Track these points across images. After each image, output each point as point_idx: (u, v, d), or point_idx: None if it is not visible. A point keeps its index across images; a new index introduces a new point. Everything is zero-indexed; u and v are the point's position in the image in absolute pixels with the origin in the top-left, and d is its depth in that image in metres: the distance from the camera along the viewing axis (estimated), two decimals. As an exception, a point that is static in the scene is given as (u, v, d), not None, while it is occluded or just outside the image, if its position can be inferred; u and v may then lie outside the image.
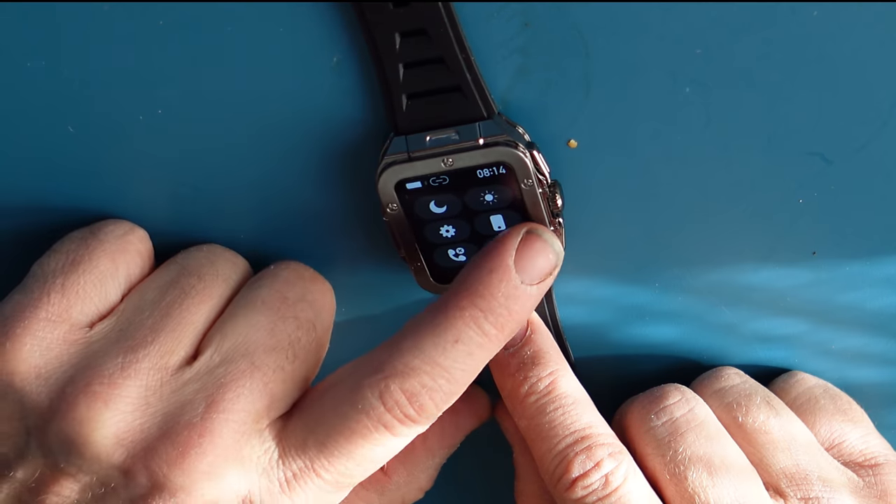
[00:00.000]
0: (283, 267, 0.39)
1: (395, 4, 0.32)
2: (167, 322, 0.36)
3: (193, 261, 0.38)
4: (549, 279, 0.36)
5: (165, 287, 0.37)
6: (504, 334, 0.36)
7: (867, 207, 0.38)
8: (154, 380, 0.35)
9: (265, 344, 0.36)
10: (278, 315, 0.37)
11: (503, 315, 0.35)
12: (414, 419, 0.35)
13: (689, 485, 0.38)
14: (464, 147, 0.35)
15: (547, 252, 0.36)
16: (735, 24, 0.34)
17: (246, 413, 0.35)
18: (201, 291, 0.37)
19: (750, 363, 0.43)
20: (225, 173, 0.38)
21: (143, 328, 0.36)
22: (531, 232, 0.36)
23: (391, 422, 0.35)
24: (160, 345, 0.35)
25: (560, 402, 0.39)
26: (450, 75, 0.34)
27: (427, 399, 0.35)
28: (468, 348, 0.35)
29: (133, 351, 0.35)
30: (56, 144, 0.37)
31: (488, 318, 0.35)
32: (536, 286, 0.36)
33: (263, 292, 0.37)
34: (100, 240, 0.38)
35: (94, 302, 0.37)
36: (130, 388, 0.35)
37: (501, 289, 0.35)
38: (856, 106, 0.36)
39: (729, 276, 0.40)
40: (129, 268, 0.38)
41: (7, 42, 0.35)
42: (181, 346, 0.36)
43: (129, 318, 0.36)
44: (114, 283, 0.37)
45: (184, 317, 0.36)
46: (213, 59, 0.35)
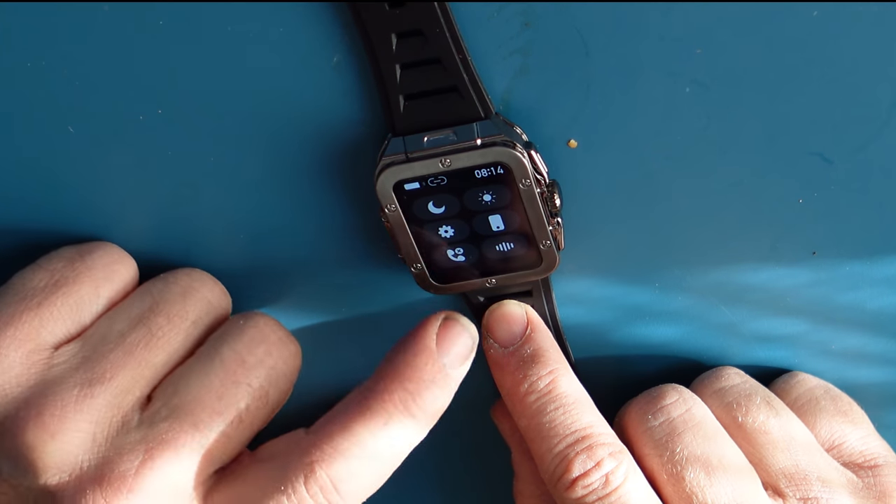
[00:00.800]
0: (252, 325, 0.38)
1: (391, 5, 0.32)
2: (128, 360, 0.36)
3: (168, 296, 0.38)
4: (467, 363, 0.38)
5: (135, 321, 0.37)
6: (429, 417, 0.37)
7: (867, 207, 0.38)
8: (105, 418, 0.35)
9: (213, 408, 0.36)
10: (232, 379, 0.37)
11: (429, 398, 0.37)
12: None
13: (686, 484, 0.38)
14: (461, 147, 0.35)
15: (464, 336, 0.38)
16: (735, 24, 0.34)
17: (180, 473, 0.35)
18: (167, 333, 0.37)
19: (750, 363, 0.43)
20: (224, 173, 0.38)
21: (105, 362, 0.36)
22: (449, 318, 0.38)
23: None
24: (118, 383, 0.36)
25: (560, 402, 0.39)
26: (447, 76, 0.34)
27: (354, 485, 0.36)
28: (395, 430, 0.37)
29: (90, 385, 0.35)
30: (50, 151, 0.37)
31: (416, 400, 0.37)
32: (457, 370, 0.38)
33: (223, 351, 0.37)
34: (87, 265, 0.38)
35: (66, 325, 0.37)
36: (81, 423, 0.35)
37: (427, 371, 0.37)
38: (856, 106, 0.36)
39: (729, 276, 0.40)
40: (110, 296, 0.38)
41: (7, 42, 0.35)
42: (137, 386, 0.36)
43: (94, 347, 0.36)
44: (90, 309, 0.37)
45: (146, 358, 0.36)
46: (212, 59, 0.35)
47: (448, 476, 0.48)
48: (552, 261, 0.38)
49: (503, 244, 0.38)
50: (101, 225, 0.39)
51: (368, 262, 0.41)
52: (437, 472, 0.48)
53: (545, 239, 0.38)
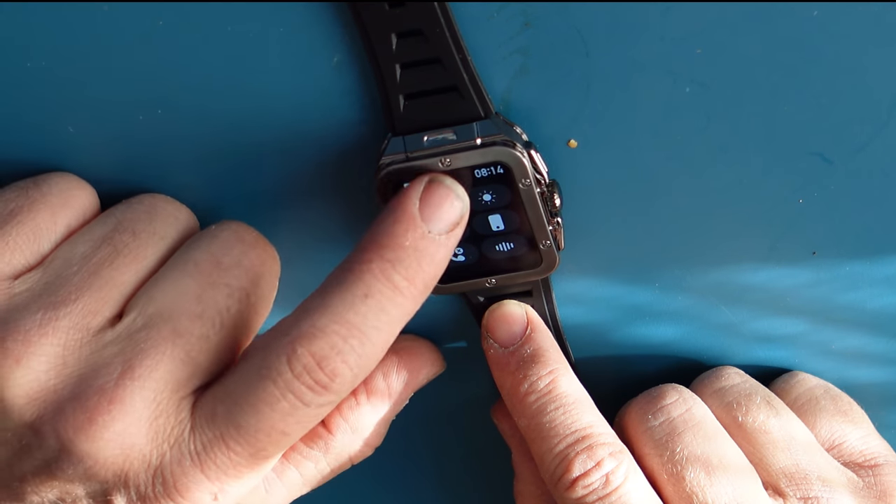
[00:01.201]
0: (224, 228, 0.37)
1: (391, 5, 0.32)
2: (94, 281, 0.34)
3: (131, 214, 0.36)
4: (458, 229, 0.35)
5: (98, 242, 0.35)
6: (417, 288, 0.34)
7: (867, 207, 0.38)
8: (73, 339, 0.34)
9: (191, 311, 0.34)
10: (209, 281, 0.35)
11: (412, 266, 0.34)
12: (325, 386, 0.33)
13: (686, 484, 0.38)
14: (461, 147, 0.35)
15: (451, 198, 0.35)
16: (735, 24, 0.34)
17: (163, 382, 0.34)
18: (134, 250, 0.35)
19: (750, 363, 0.43)
20: (224, 173, 0.38)
21: (69, 284, 0.34)
22: (434, 180, 0.35)
23: (300, 389, 0.33)
24: (83, 304, 0.34)
25: (560, 402, 0.39)
26: (447, 75, 0.34)
27: (339, 363, 0.33)
28: (379, 303, 0.33)
29: (54, 308, 0.34)
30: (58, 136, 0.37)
31: (397, 268, 0.33)
32: (446, 235, 0.34)
33: (197, 255, 0.36)
34: (42, 192, 0.36)
35: (25, 254, 0.35)
36: (46, 347, 0.33)
37: (408, 238, 0.34)
38: (856, 106, 0.36)
39: (729, 276, 0.40)
40: (69, 223, 0.36)
41: (7, 42, 0.35)
42: (106, 306, 0.34)
43: (57, 272, 0.35)
44: (49, 237, 0.36)
45: (112, 276, 0.35)
46: (212, 59, 0.35)
47: (448, 476, 0.48)
48: (552, 261, 0.38)
49: (503, 244, 0.38)
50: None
51: (368, 262, 0.41)
52: (437, 472, 0.48)
53: (545, 239, 0.38)
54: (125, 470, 0.33)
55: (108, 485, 0.33)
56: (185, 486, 0.34)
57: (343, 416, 0.40)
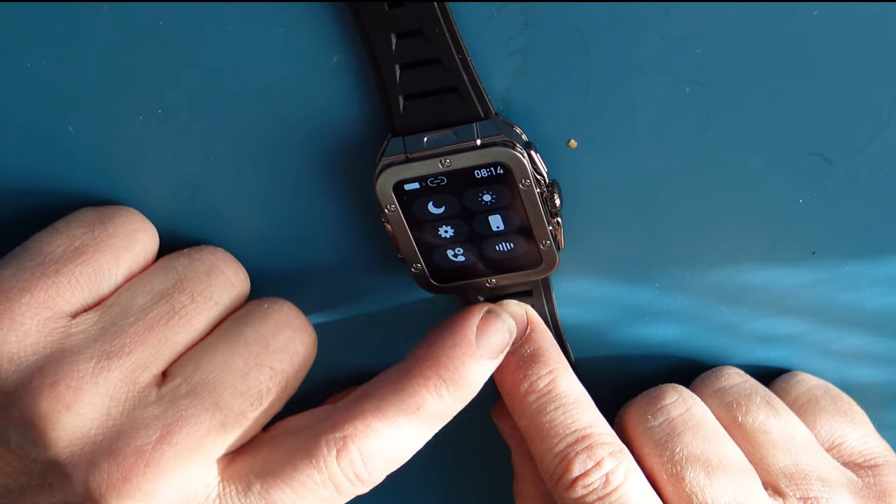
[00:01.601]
0: (276, 309, 0.38)
1: (391, 5, 0.32)
2: (148, 337, 0.35)
3: (192, 274, 0.37)
4: (500, 358, 0.39)
5: (157, 297, 0.36)
6: (458, 406, 0.37)
7: (867, 207, 0.38)
8: (120, 392, 0.34)
9: (235, 387, 0.36)
10: (256, 361, 0.36)
11: (462, 387, 0.37)
12: (364, 481, 0.36)
13: (686, 484, 0.38)
14: (461, 147, 0.35)
15: (504, 331, 0.39)
16: (735, 24, 0.34)
17: (197, 450, 0.35)
18: (190, 313, 0.36)
19: (750, 363, 0.43)
20: (224, 173, 0.38)
21: (124, 336, 0.35)
22: (491, 311, 0.39)
23: (341, 481, 0.36)
24: (136, 359, 0.35)
25: (560, 402, 0.39)
26: (446, 76, 0.34)
27: (381, 464, 0.36)
28: (427, 417, 0.37)
29: (108, 358, 0.34)
30: (59, 135, 0.37)
31: (450, 388, 0.37)
32: (491, 361, 0.38)
33: (248, 332, 0.37)
34: (108, 233, 0.36)
35: (85, 294, 0.36)
36: (95, 396, 0.34)
37: (465, 362, 0.37)
38: (856, 106, 0.36)
39: (729, 276, 0.40)
40: (130, 266, 0.37)
41: (7, 42, 0.35)
42: (155, 364, 0.35)
43: (113, 319, 0.35)
44: (110, 280, 0.36)
45: (166, 335, 0.36)
46: (212, 59, 0.35)
47: (448, 476, 0.48)
48: (552, 261, 0.38)
49: (503, 244, 0.38)
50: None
51: (368, 263, 0.40)
52: (437, 472, 0.48)
53: (545, 239, 0.38)
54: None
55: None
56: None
57: None
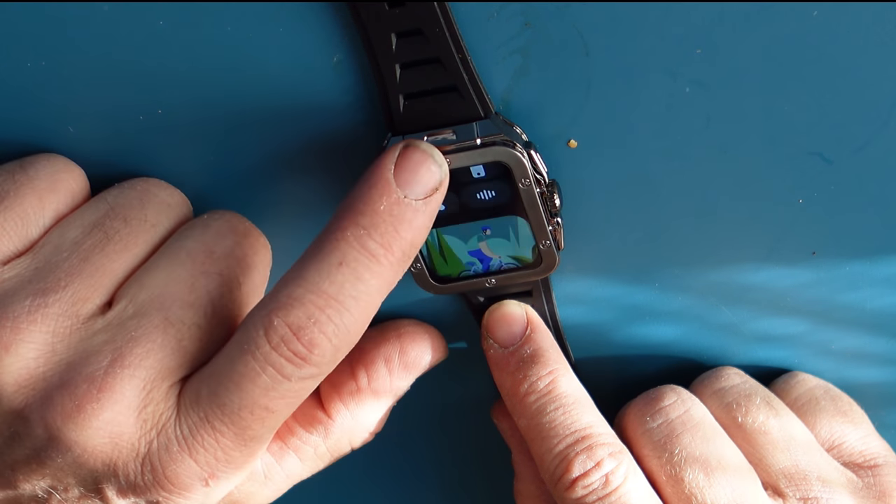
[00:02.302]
0: (217, 217, 0.37)
1: (391, 5, 0.33)
2: (84, 267, 0.34)
3: (123, 200, 0.36)
4: (438, 195, 0.34)
5: (89, 227, 0.35)
6: (394, 255, 0.33)
7: (867, 207, 0.38)
8: (63, 327, 0.33)
9: (183, 299, 0.34)
10: (201, 269, 0.35)
11: (389, 232, 0.33)
12: (304, 357, 0.32)
13: (686, 486, 0.38)
14: (461, 147, 0.35)
15: (428, 163, 0.34)
16: (735, 24, 0.34)
17: (154, 370, 0.33)
18: (126, 237, 0.35)
19: (750, 363, 0.43)
20: (223, 172, 0.38)
21: (59, 270, 0.34)
22: (409, 144, 0.34)
23: (279, 361, 0.32)
24: (74, 291, 0.34)
25: (560, 402, 0.39)
26: (446, 75, 0.34)
27: (317, 333, 0.32)
28: (355, 271, 0.32)
29: (44, 294, 0.33)
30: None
31: (372, 235, 0.33)
32: (423, 201, 0.33)
33: (189, 244, 0.35)
34: (29, 176, 0.36)
35: (13, 240, 0.35)
36: (35, 334, 0.33)
37: (383, 203, 0.33)
38: (856, 106, 0.36)
39: (729, 276, 0.40)
40: (57, 207, 0.36)
41: (7, 42, 0.35)
42: (96, 293, 0.34)
43: (46, 258, 0.34)
44: (37, 223, 0.35)
45: (103, 263, 0.34)
46: (212, 59, 0.35)
47: (448, 476, 0.48)
48: (552, 261, 0.38)
49: (503, 244, 0.38)
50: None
51: (368, 262, 0.40)
52: (438, 472, 0.48)
53: (545, 239, 0.38)
54: (114, 459, 0.33)
55: (98, 473, 0.33)
56: (174, 472, 0.33)
57: (343, 401, 0.40)
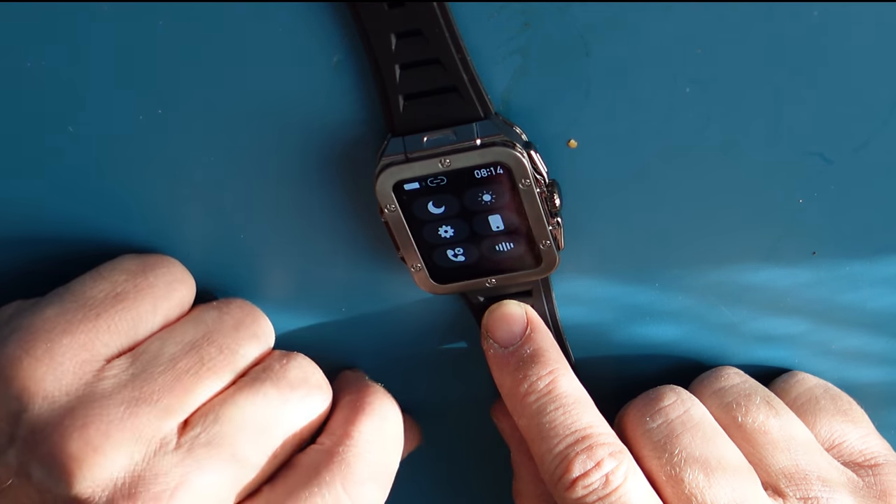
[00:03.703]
0: (294, 365, 0.39)
1: (391, 5, 0.32)
2: (176, 386, 0.36)
3: (221, 326, 0.38)
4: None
5: (187, 347, 0.37)
6: None
7: (867, 207, 0.38)
8: (145, 438, 0.35)
9: (252, 440, 0.37)
10: (273, 420, 0.37)
11: None
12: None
13: (685, 486, 0.38)
14: (461, 147, 0.35)
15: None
16: (735, 24, 0.34)
17: (212, 499, 0.36)
18: (217, 365, 0.37)
19: (750, 363, 0.43)
20: (223, 173, 0.38)
21: (154, 384, 0.36)
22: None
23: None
24: (162, 406, 0.36)
25: (560, 402, 0.39)
26: (446, 75, 0.34)
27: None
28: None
29: (136, 404, 0.35)
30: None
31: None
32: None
33: (267, 388, 0.38)
34: (150, 283, 0.38)
35: (122, 339, 0.37)
36: (122, 441, 0.35)
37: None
38: (856, 106, 0.36)
39: (729, 276, 0.40)
40: (167, 315, 0.38)
41: (7, 42, 0.35)
42: (180, 412, 0.36)
43: (144, 367, 0.36)
44: (146, 326, 0.38)
45: (193, 386, 0.36)
46: (212, 59, 0.35)
47: (448, 476, 0.48)
48: (552, 261, 0.38)
49: (503, 244, 0.38)
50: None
51: (368, 263, 0.40)
52: (437, 471, 0.48)
53: (545, 239, 0.38)
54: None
55: None
56: None
57: None
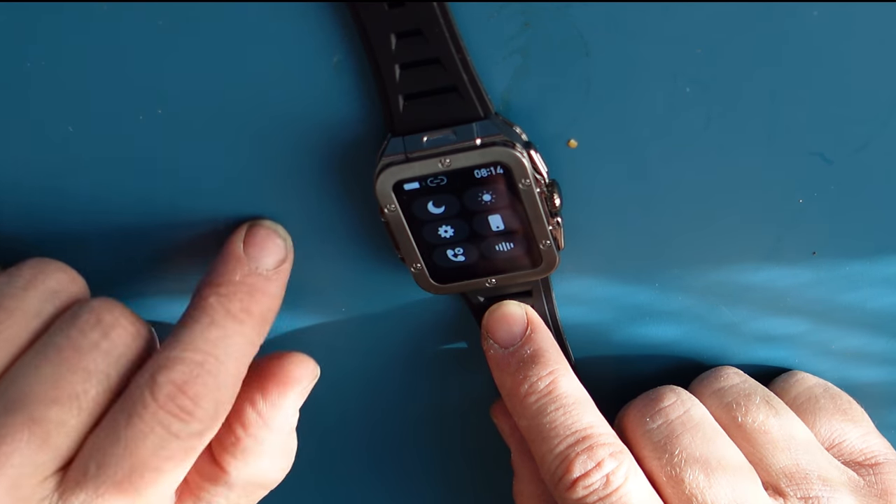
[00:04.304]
0: (87, 309, 0.36)
1: (391, 5, 0.32)
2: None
3: (9, 290, 0.36)
4: (286, 264, 0.38)
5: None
6: (255, 318, 0.36)
7: (867, 207, 0.38)
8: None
9: (48, 396, 0.34)
10: (66, 366, 0.34)
11: (245, 298, 0.36)
12: (190, 412, 0.34)
13: (686, 486, 0.38)
14: (461, 147, 0.35)
15: (272, 238, 0.38)
16: (735, 24, 0.34)
17: (22, 467, 0.33)
18: (7, 329, 0.35)
19: (750, 363, 0.43)
20: (223, 173, 0.38)
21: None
22: (254, 224, 0.38)
23: (166, 419, 0.34)
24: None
25: (561, 402, 0.39)
26: (446, 75, 0.34)
27: (200, 385, 0.34)
28: (223, 330, 0.36)
29: None
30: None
31: (232, 301, 0.36)
32: (274, 271, 0.37)
33: (57, 339, 0.35)
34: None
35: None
36: None
37: (237, 274, 0.37)
38: (856, 106, 0.36)
39: (729, 276, 0.40)
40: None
41: (7, 42, 0.35)
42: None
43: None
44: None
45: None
46: (212, 59, 0.35)
47: (448, 475, 0.48)
48: (552, 261, 0.38)
49: (503, 244, 0.38)
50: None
51: (368, 263, 0.41)
52: (437, 471, 0.48)
53: (545, 239, 0.38)
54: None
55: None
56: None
57: (229, 452, 0.39)
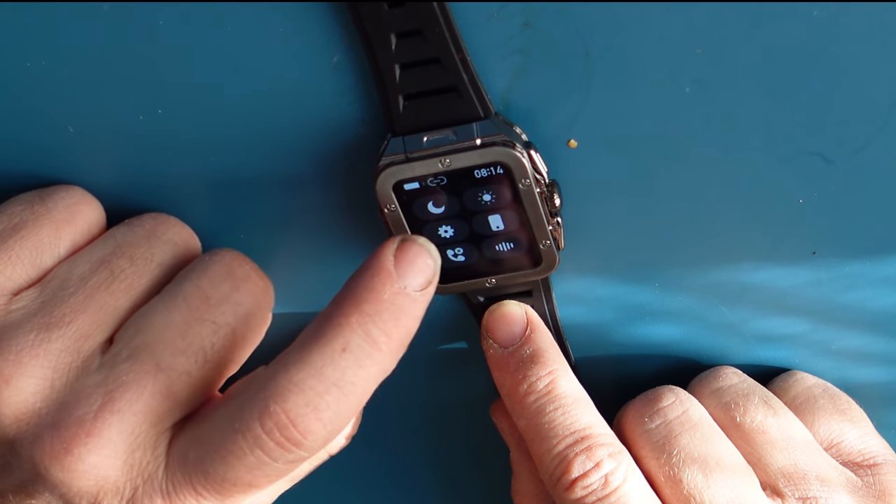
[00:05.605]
0: (217, 259, 0.36)
1: (391, 5, 0.32)
2: (88, 304, 0.35)
3: (131, 238, 0.36)
4: (431, 287, 0.34)
5: (96, 264, 0.35)
6: (394, 344, 0.33)
7: (867, 207, 0.38)
8: (63, 363, 0.34)
9: (175, 346, 0.34)
10: (195, 316, 0.35)
11: (390, 321, 0.33)
12: (297, 443, 0.32)
13: (684, 486, 0.38)
14: (461, 147, 0.35)
15: (424, 256, 0.34)
16: (735, 25, 0.34)
17: (143, 415, 0.34)
18: (130, 276, 0.35)
19: (750, 363, 0.43)
20: (223, 173, 0.38)
21: (64, 306, 0.34)
22: (407, 239, 0.34)
23: (269, 446, 0.32)
24: (77, 328, 0.34)
25: (560, 402, 0.39)
26: (446, 75, 0.34)
27: (314, 420, 0.32)
28: (357, 358, 0.33)
29: (48, 329, 0.34)
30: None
31: (376, 323, 0.33)
32: (421, 292, 0.34)
33: (186, 288, 0.35)
34: (48, 207, 0.36)
35: (26, 269, 0.35)
36: (37, 369, 0.33)
37: (386, 293, 0.33)
38: (856, 106, 0.36)
39: (729, 276, 0.40)
40: (73, 238, 0.36)
41: (7, 42, 0.35)
42: (98, 331, 0.35)
43: (53, 292, 0.35)
44: (51, 253, 0.36)
45: (107, 301, 0.35)
46: (212, 58, 0.35)
47: (447, 475, 0.48)
48: (552, 261, 0.38)
49: (503, 244, 0.38)
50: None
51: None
52: (437, 470, 0.48)
53: (545, 239, 0.38)
54: (99, 500, 0.33)
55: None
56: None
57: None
